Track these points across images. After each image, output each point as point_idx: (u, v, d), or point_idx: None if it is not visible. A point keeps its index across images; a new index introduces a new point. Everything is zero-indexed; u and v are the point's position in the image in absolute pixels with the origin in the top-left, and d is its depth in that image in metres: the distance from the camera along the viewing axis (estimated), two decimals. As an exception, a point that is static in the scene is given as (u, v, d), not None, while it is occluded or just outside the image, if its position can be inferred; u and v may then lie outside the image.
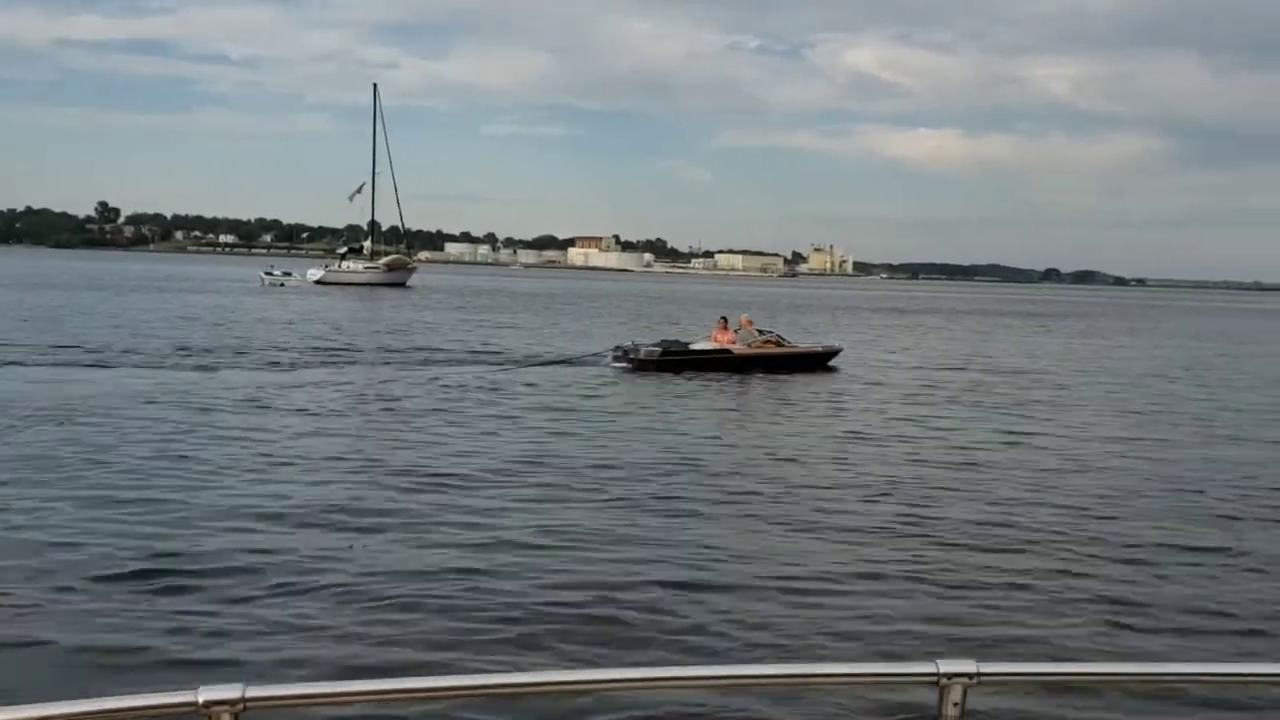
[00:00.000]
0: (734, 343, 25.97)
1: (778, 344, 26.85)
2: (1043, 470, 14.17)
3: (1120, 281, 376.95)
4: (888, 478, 13.24)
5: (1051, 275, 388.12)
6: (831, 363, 27.66)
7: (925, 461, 14.60)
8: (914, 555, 9.63)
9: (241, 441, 14.11)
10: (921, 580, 8.87)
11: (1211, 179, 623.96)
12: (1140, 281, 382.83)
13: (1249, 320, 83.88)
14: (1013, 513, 11.47)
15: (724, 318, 27.50)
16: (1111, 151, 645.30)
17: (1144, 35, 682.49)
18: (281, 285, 73.71)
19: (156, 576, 8.22)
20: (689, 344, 26.35)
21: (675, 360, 25.03)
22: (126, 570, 8.33)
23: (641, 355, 25.20)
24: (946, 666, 2.27)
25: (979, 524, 10.90)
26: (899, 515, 11.17)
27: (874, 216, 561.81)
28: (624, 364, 25.39)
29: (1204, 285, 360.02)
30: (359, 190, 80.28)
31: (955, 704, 2.27)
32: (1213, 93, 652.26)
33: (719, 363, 25.22)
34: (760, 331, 26.96)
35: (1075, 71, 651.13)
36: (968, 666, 2.27)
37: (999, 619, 8.01)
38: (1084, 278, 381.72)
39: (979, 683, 2.26)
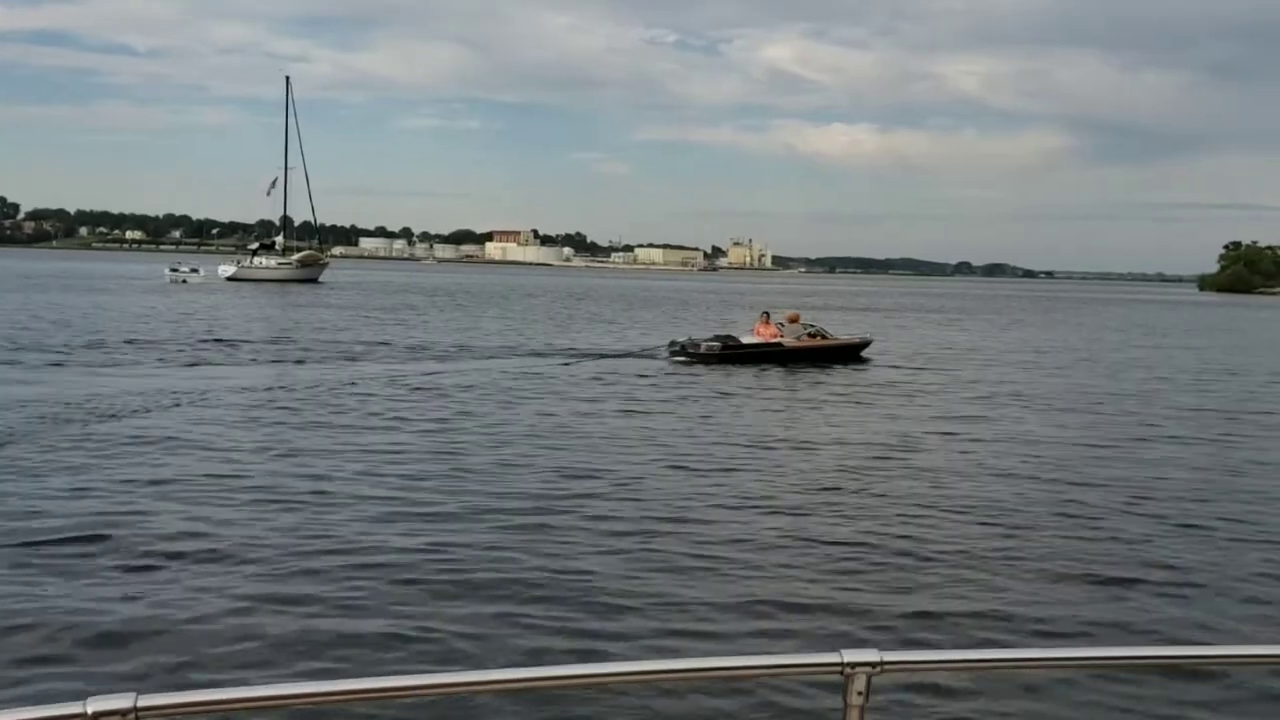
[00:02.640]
0: (775, 336, 27.54)
1: (823, 337, 28.68)
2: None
3: (1030, 274, 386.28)
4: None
5: (963, 268, 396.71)
6: (864, 353, 29.30)
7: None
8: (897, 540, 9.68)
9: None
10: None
11: (1117, 174, 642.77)
12: (1049, 274, 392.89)
13: (1163, 312, 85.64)
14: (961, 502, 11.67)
15: (766, 313, 29.09)
16: (1022, 147, 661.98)
17: (1053, 33, 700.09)
18: (184, 282, 70.57)
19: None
20: (741, 338, 27.79)
21: (733, 354, 26.61)
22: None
23: (702, 350, 26.76)
24: (850, 656, 2.24)
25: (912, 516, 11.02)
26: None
27: (791, 211, 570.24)
28: (683, 358, 26.85)
29: (1109, 277, 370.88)
30: (274, 184, 78.84)
31: (859, 693, 2.24)
32: (1119, 90, 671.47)
33: (771, 356, 26.85)
34: (805, 326, 28.74)
35: (986, 69, 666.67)
36: (871, 656, 2.24)
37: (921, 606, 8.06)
38: (995, 270, 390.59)
39: (882, 671, 2.24)
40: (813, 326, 29.11)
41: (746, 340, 27.44)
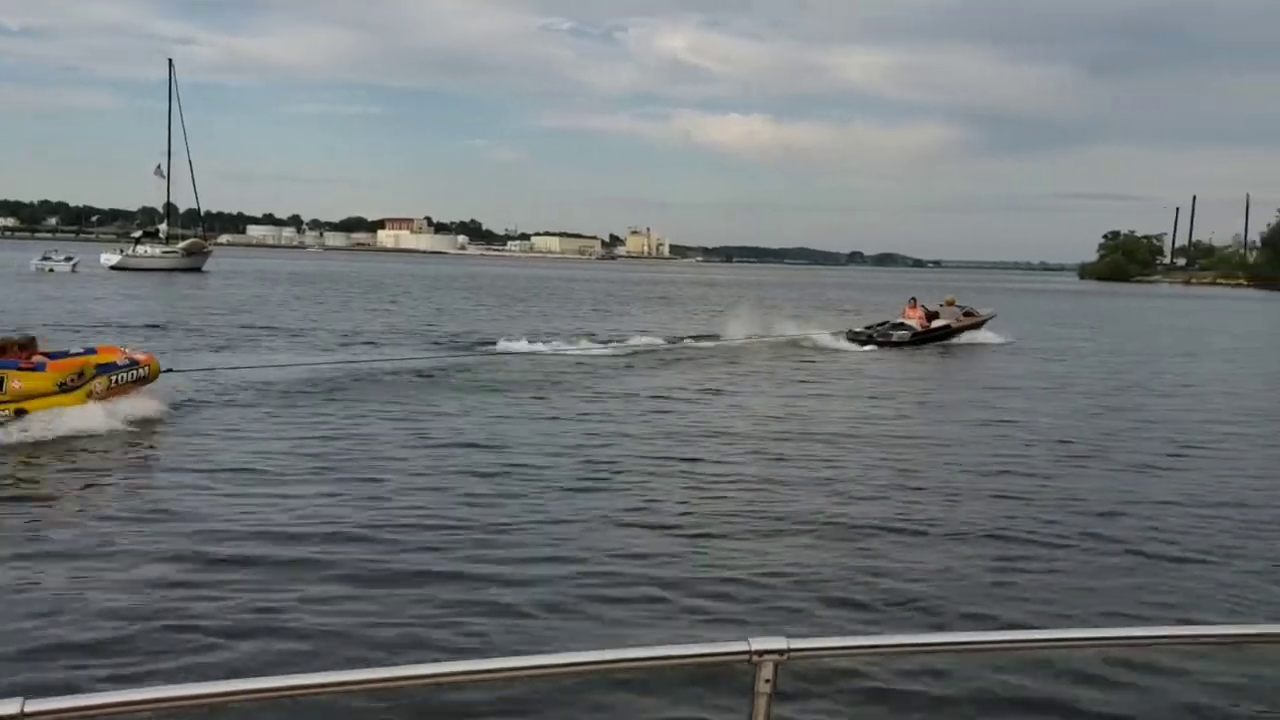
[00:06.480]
0: (922, 319, 32.26)
1: (972, 316, 34.37)
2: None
3: (919, 263, 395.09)
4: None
5: (856, 258, 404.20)
6: (986, 326, 34.97)
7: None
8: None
9: None
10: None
11: (1003, 166, 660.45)
12: (937, 263, 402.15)
13: (1054, 301, 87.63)
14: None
15: (913, 298, 33.76)
16: (911, 139, 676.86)
17: (942, 27, 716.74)
18: (51, 271, 65.64)
19: None
20: (906, 324, 32.23)
21: (917, 339, 31.10)
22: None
23: (894, 339, 30.86)
24: (758, 644, 2.25)
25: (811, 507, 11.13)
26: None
27: (689, 200, 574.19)
28: (872, 346, 30.21)
29: (995, 266, 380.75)
30: (157, 170, 76.39)
31: (767, 680, 2.26)
32: (1005, 83, 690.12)
33: (942, 335, 32.14)
34: (961, 307, 34.49)
35: (877, 61, 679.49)
36: (778, 643, 2.25)
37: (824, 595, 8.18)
38: (886, 260, 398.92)
39: (789, 659, 2.25)
40: (966, 307, 34.84)
41: (908, 324, 31.84)
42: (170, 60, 79.30)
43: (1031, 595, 8.30)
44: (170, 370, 17.09)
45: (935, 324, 32.42)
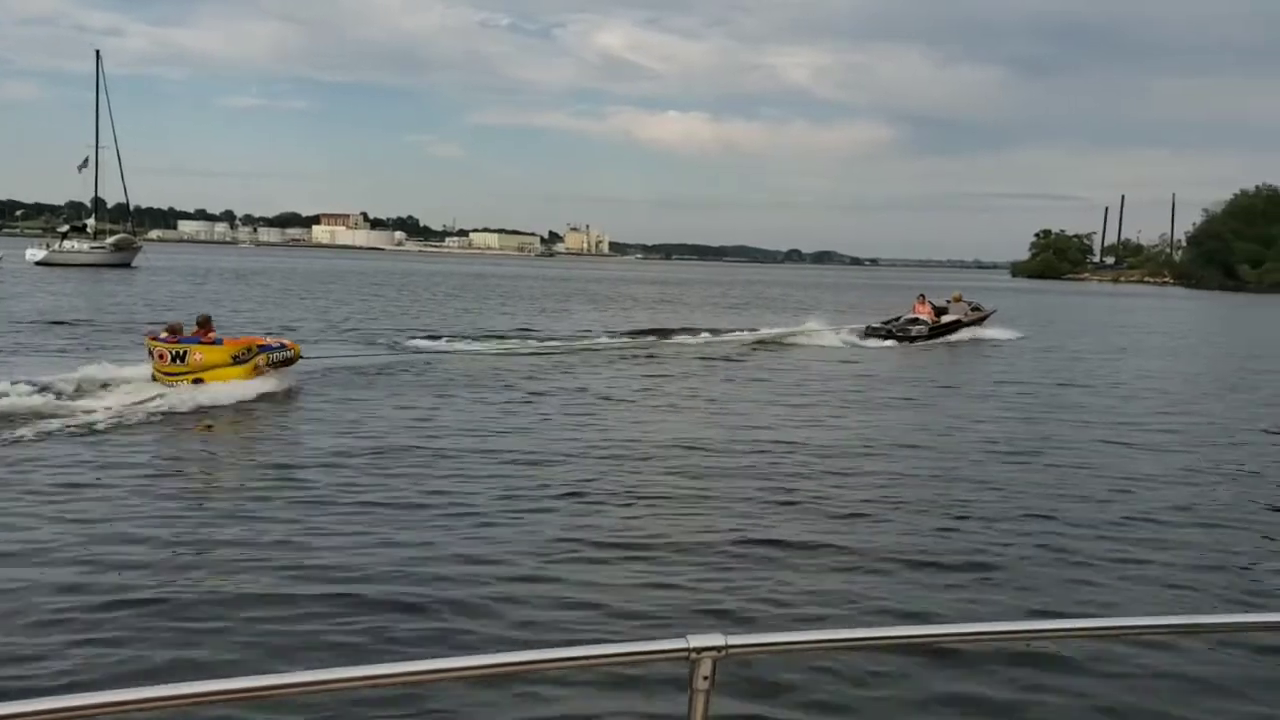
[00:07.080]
0: (930, 313, 33.68)
1: (978, 310, 36.19)
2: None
3: (856, 261, 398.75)
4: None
5: (794, 255, 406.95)
6: (986, 320, 36.69)
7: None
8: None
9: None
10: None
11: (937, 165, 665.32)
12: (874, 261, 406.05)
13: (997, 298, 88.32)
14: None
15: (922, 294, 35.07)
16: (847, 138, 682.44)
17: (876, 28, 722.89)
18: None
19: None
20: (920, 319, 33.61)
21: (932, 333, 32.47)
22: None
23: (912, 334, 32.16)
24: (695, 641, 2.25)
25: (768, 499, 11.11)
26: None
27: (628, 197, 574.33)
28: (891, 341, 31.42)
29: (930, 264, 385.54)
30: (84, 164, 74.70)
31: (705, 677, 2.26)
32: (937, 84, 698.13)
33: (953, 329, 33.49)
34: (969, 303, 36.17)
35: (814, 61, 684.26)
36: (716, 640, 2.25)
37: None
38: (823, 257, 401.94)
39: (727, 655, 2.25)
40: (973, 303, 36.59)
41: (922, 319, 33.11)
42: (98, 52, 77.65)
43: (973, 596, 8.38)
44: (303, 357, 18.78)
45: (945, 319, 33.84)
